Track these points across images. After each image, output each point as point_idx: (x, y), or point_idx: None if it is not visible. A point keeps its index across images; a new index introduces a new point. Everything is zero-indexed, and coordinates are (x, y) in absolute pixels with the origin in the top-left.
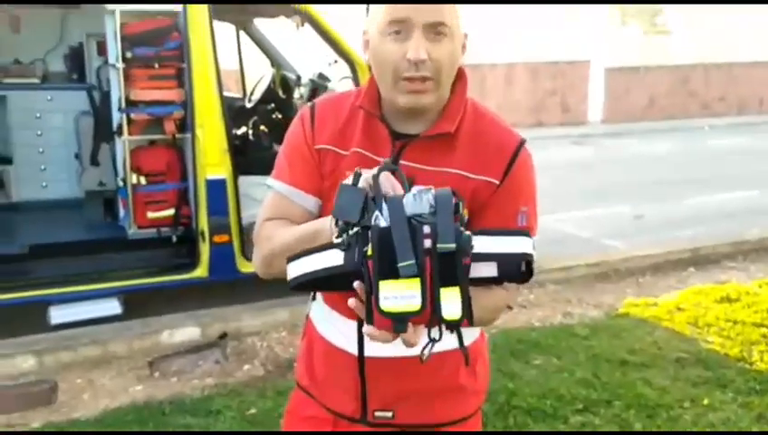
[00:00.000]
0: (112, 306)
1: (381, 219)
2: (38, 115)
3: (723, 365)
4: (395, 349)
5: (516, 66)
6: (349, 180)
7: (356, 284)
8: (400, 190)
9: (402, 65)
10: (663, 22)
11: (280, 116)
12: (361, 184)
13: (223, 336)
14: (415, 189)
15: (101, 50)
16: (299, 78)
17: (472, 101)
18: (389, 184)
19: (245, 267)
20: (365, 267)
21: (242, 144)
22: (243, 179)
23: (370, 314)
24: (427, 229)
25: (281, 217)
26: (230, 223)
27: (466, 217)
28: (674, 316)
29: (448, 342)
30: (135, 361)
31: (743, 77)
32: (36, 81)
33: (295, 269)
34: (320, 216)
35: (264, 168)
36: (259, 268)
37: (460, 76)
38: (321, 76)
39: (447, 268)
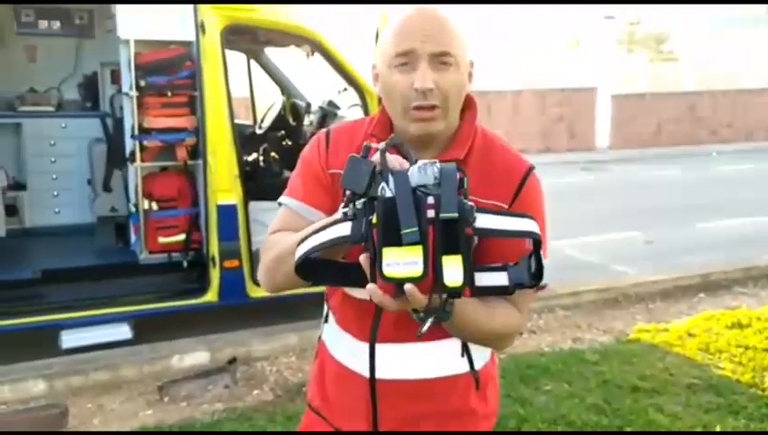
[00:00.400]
0: (123, 331)
1: (387, 190)
2: (52, 142)
3: (735, 391)
4: (406, 371)
5: (523, 93)
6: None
7: (361, 258)
8: (406, 165)
9: (411, 95)
10: (669, 49)
11: (290, 143)
12: (370, 157)
13: (232, 361)
14: (420, 162)
15: (115, 78)
16: (309, 105)
17: (481, 128)
18: (396, 159)
19: (255, 292)
20: (370, 235)
21: (252, 170)
22: (253, 205)
23: (374, 276)
24: (430, 200)
25: (288, 229)
26: (240, 248)
27: (469, 193)
28: (685, 342)
29: (459, 365)
30: (145, 385)
31: (750, 104)
32: (51, 109)
33: (303, 247)
34: None
35: (275, 194)
36: (264, 278)
37: (469, 104)
38: (330, 104)
39: (450, 237)
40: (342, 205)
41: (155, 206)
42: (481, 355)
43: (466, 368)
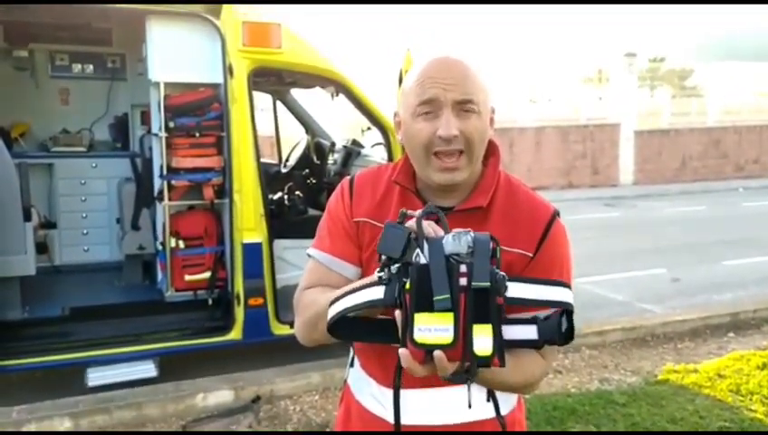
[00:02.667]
0: (148, 369)
1: (422, 257)
2: (83, 182)
3: None
4: (432, 417)
5: (546, 129)
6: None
7: (396, 313)
8: (441, 233)
9: (434, 141)
10: (693, 84)
11: (314, 181)
12: (406, 224)
13: (256, 400)
14: (454, 231)
15: (145, 119)
16: (333, 144)
17: (505, 174)
18: (431, 226)
19: (279, 330)
20: (403, 300)
21: (277, 209)
22: (277, 243)
23: (404, 341)
24: (463, 268)
25: (320, 285)
26: (265, 286)
27: (501, 264)
28: (715, 383)
29: (485, 410)
30: (169, 424)
31: None
32: (83, 149)
33: (336, 308)
34: None
35: (299, 232)
36: (302, 334)
37: (493, 150)
38: (354, 143)
39: (481, 306)
40: (378, 269)
41: (182, 244)
42: (507, 400)
43: (492, 413)
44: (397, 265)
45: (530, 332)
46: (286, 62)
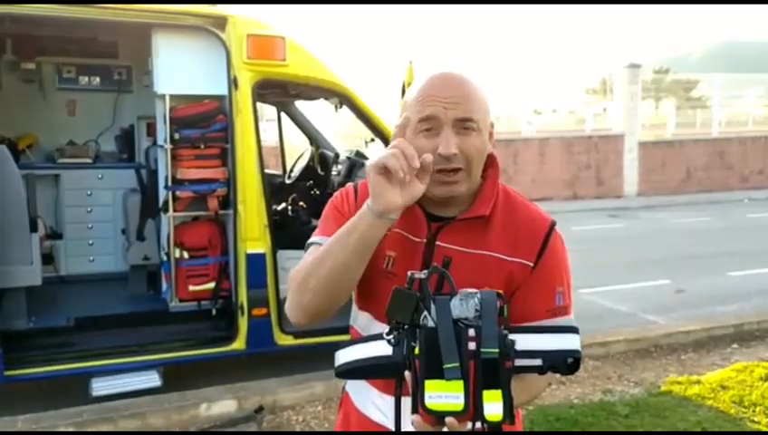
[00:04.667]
0: (152, 379)
1: (429, 320)
2: (89, 193)
3: None
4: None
5: (550, 141)
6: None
7: (406, 374)
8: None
9: (434, 159)
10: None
11: (318, 192)
12: (414, 288)
13: (259, 410)
14: (461, 293)
15: (151, 131)
16: (337, 155)
17: (503, 186)
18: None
19: (283, 340)
20: (412, 364)
21: (281, 219)
22: (281, 254)
23: (416, 406)
24: (471, 332)
25: None
26: (268, 296)
27: (509, 321)
28: (718, 395)
29: None
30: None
31: None
32: (89, 160)
33: (344, 356)
34: (356, 290)
35: (303, 243)
36: (293, 305)
37: (491, 162)
38: (358, 154)
39: (490, 371)
40: (386, 332)
41: (186, 254)
42: None
43: None
44: (405, 327)
45: (535, 360)
46: (290, 74)
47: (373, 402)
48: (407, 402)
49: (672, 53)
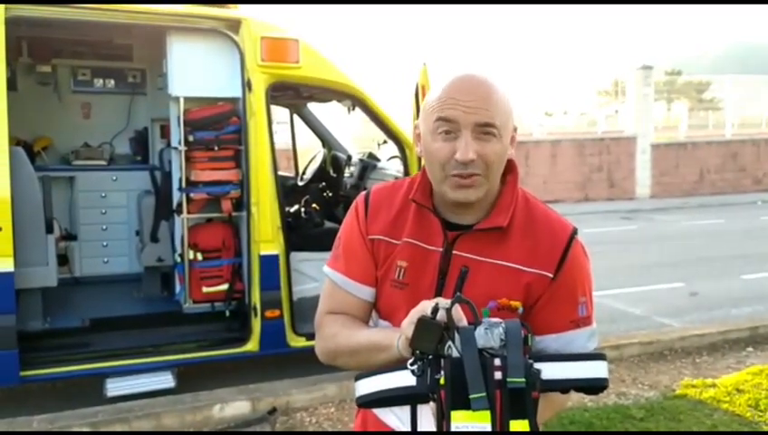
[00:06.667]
0: (166, 379)
1: (454, 350)
2: (103, 195)
3: None
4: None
5: (562, 142)
6: (428, 309)
7: (430, 404)
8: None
9: (451, 163)
10: (710, 97)
11: (330, 194)
12: (438, 317)
13: (272, 411)
14: (486, 322)
15: (165, 133)
16: (349, 157)
17: (522, 192)
18: (460, 313)
19: (295, 342)
20: (437, 394)
21: (294, 221)
22: (294, 255)
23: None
24: (497, 362)
25: (340, 310)
26: (282, 298)
27: (533, 348)
28: (733, 398)
29: None
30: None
31: None
32: (103, 162)
33: (365, 386)
34: (375, 304)
35: (316, 244)
36: (322, 357)
37: (511, 168)
38: (370, 156)
39: (517, 401)
40: (410, 361)
41: (200, 256)
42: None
43: None
44: (429, 358)
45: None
46: (304, 76)
47: (390, 409)
48: (423, 408)
49: (685, 54)
